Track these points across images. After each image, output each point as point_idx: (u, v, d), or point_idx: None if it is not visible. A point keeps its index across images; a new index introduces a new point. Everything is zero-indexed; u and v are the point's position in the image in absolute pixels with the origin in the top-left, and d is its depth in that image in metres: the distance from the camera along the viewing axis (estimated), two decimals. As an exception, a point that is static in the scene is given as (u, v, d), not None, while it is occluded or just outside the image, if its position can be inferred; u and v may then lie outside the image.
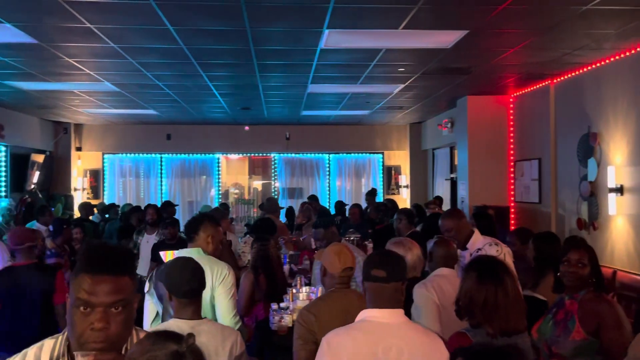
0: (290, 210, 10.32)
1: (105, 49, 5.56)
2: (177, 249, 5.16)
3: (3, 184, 9.70)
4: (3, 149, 9.71)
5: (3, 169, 9.73)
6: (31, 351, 1.66)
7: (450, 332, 2.83)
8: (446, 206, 9.84)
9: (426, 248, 3.63)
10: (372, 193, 9.95)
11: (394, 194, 12.35)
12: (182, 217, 10.83)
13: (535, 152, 7.83)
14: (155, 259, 5.51)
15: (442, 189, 10.94)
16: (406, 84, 7.55)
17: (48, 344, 1.66)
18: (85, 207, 9.04)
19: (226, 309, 3.01)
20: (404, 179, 12.40)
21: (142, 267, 6.31)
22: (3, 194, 9.65)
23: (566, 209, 7.08)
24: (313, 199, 9.80)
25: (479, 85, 7.84)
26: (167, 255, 5.41)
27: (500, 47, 5.74)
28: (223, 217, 6.21)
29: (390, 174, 12.52)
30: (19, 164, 9.98)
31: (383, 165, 12.55)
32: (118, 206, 10.26)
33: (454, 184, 10.09)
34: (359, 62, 6.32)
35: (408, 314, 3.01)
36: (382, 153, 12.52)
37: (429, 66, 6.51)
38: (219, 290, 3.00)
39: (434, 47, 5.67)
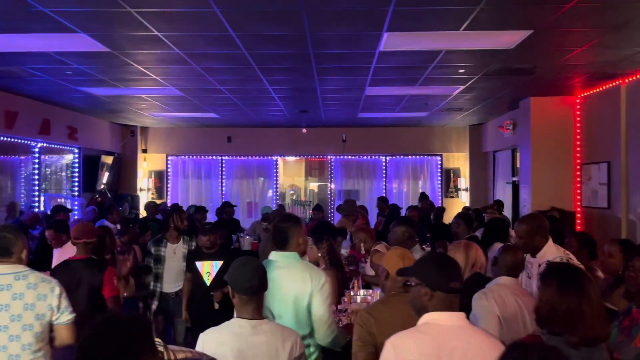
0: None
1: (171, 56, 5.80)
2: (217, 259, 5.06)
3: (77, 183, 10.31)
4: (76, 150, 10.31)
5: (77, 169, 10.35)
6: None
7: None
8: (507, 211, 9.56)
9: (486, 254, 3.54)
10: (424, 197, 9.88)
11: (452, 197, 12.14)
12: (242, 217, 11.11)
13: (604, 154, 7.48)
14: (191, 269, 5.19)
15: (503, 192, 10.65)
16: (466, 85, 7.41)
17: None
18: (149, 207, 9.41)
19: (322, 317, 2.97)
20: (463, 182, 12.15)
21: (169, 283, 5.36)
22: (76, 193, 10.25)
23: (638, 215, 6.73)
24: (383, 200, 9.79)
25: (544, 86, 7.58)
26: (205, 267, 5.06)
27: (567, 46, 5.53)
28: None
29: (448, 176, 12.30)
30: (90, 165, 10.57)
31: (441, 168, 12.36)
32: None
33: (515, 187, 9.80)
34: (418, 64, 6.27)
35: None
36: (441, 155, 12.33)
37: (491, 67, 6.37)
38: (317, 297, 2.96)
39: (496, 47, 5.54)
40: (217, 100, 8.71)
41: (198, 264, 5.13)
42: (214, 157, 12.59)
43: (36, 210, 8.50)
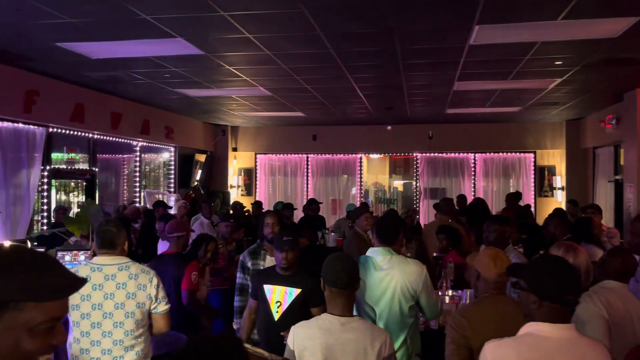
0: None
1: (261, 57, 5.97)
2: (293, 285, 3.46)
3: (172, 180, 10.94)
4: (172, 149, 10.92)
5: (173, 167, 10.97)
6: None
7: (623, 352, 2.57)
8: (609, 211, 8.92)
9: None
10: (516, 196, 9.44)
11: (546, 196, 11.52)
12: (326, 215, 11.21)
13: None
14: (256, 294, 3.61)
15: (604, 191, 9.94)
16: (563, 78, 6.99)
17: None
18: (236, 207, 9.62)
19: (431, 304, 3.13)
20: (559, 180, 11.48)
21: None
22: (172, 189, 10.87)
23: None
24: (461, 198, 9.52)
25: (652, 76, 6.98)
26: (274, 293, 3.52)
27: (681, 32, 5.05)
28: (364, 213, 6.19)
29: (543, 174, 11.68)
30: (185, 163, 11.17)
31: (535, 165, 11.75)
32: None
33: (618, 186, 9.11)
34: (510, 57, 6.00)
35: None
36: (535, 152, 11.73)
37: (591, 58, 5.96)
38: (423, 290, 3.08)
39: (598, 37, 5.18)
40: (303, 99, 8.86)
41: (266, 287, 3.54)
42: (300, 155, 12.82)
43: (137, 205, 9.10)
